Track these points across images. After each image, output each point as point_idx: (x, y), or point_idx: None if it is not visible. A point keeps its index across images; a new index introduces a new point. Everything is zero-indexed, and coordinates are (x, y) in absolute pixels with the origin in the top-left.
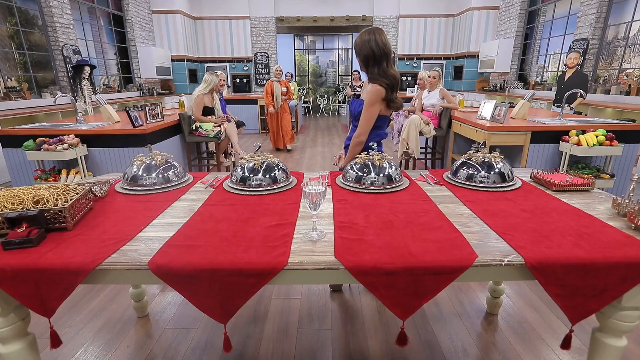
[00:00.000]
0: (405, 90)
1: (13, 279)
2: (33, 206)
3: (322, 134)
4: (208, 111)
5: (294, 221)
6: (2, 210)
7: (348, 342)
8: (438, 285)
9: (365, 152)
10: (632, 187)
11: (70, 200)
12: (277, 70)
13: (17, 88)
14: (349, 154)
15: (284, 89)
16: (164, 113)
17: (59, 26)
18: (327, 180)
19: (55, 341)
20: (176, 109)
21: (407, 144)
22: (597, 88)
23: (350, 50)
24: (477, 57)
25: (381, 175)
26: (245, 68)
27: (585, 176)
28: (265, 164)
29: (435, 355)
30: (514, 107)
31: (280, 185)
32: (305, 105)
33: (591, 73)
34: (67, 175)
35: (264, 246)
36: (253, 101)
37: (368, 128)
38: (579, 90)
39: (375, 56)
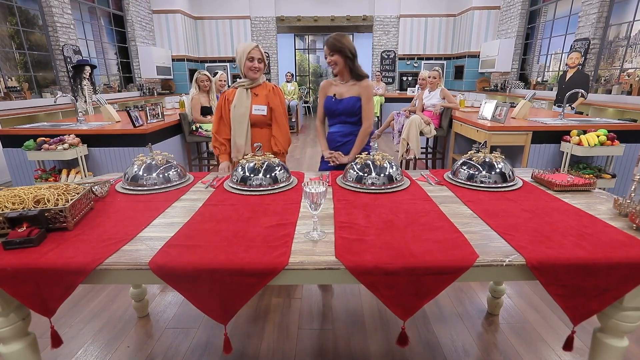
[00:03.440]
0: (406, 90)
1: (13, 278)
2: (34, 206)
3: None
4: (206, 111)
5: (294, 221)
6: (2, 210)
7: (348, 342)
8: (439, 286)
9: (366, 152)
10: (633, 187)
11: (71, 200)
12: (247, 59)
13: (18, 88)
14: (358, 144)
15: (261, 110)
16: (164, 113)
17: (59, 26)
18: (327, 180)
19: (56, 341)
20: (176, 109)
21: (408, 144)
22: (598, 88)
23: None
24: (478, 57)
25: (382, 175)
26: None
27: (587, 176)
28: (265, 164)
29: (436, 355)
30: (515, 107)
31: (281, 185)
32: (306, 105)
33: (592, 73)
34: (68, 175)
35: (265, 246)
36: None
37: (373, 118)
38: (580, 90)
39: (354, 56)
